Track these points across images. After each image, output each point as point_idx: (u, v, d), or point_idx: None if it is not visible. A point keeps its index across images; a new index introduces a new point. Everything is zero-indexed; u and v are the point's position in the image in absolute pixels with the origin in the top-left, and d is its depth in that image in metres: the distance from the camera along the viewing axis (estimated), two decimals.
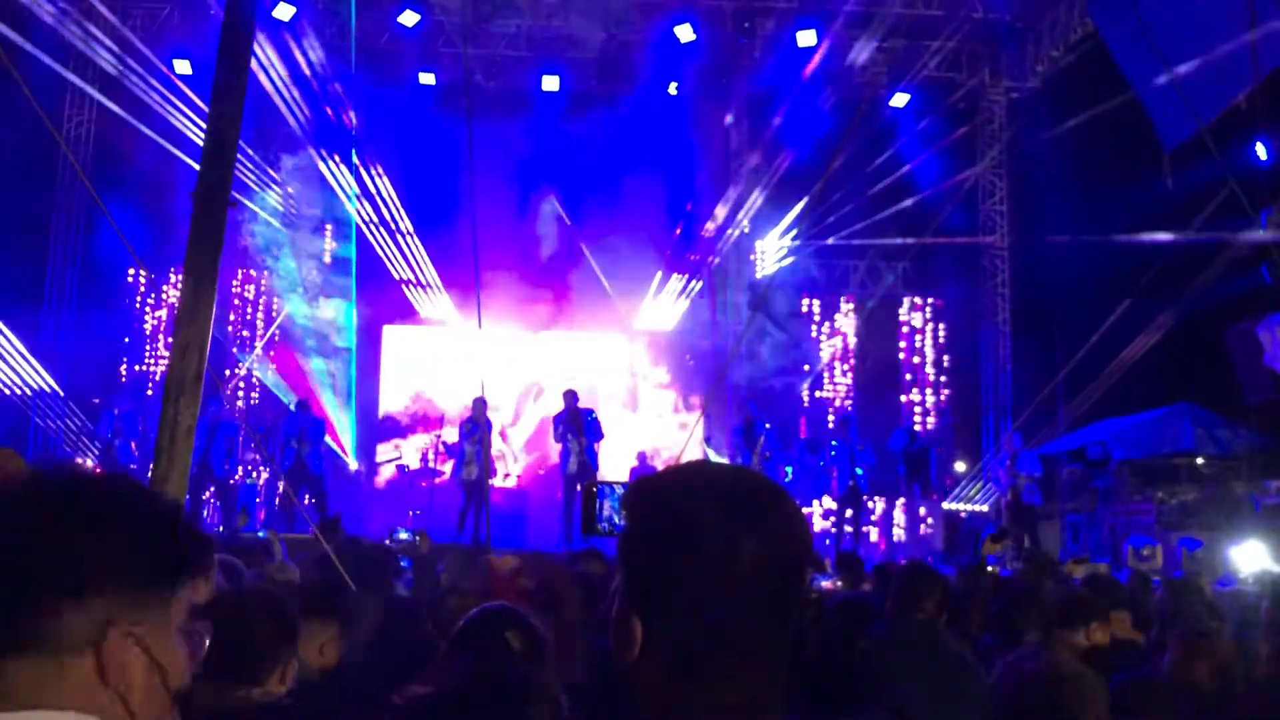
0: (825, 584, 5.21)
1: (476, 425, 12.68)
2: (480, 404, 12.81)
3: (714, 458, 14.95)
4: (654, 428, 16.57)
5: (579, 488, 11.87)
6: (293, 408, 13.90)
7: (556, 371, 15.95)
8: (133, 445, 13.67)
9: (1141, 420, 14.92)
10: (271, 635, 2.66)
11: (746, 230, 17.28)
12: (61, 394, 15.26)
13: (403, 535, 6.49)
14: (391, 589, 5.87)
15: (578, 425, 12.77)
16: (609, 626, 1.29)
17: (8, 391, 14.65)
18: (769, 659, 1.23)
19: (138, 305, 16.71)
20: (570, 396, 13.00)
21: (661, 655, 1.22)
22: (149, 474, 3.91)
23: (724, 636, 1.20)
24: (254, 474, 14.71)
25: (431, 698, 2.49)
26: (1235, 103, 10.07)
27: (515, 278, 15.95)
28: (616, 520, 2.39)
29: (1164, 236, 13.30)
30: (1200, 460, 14.26)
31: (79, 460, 15.12)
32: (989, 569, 10.69)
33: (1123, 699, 3.29)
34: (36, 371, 14.96)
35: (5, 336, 14.52)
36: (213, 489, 13.44)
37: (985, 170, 17.33)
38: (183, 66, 15.31)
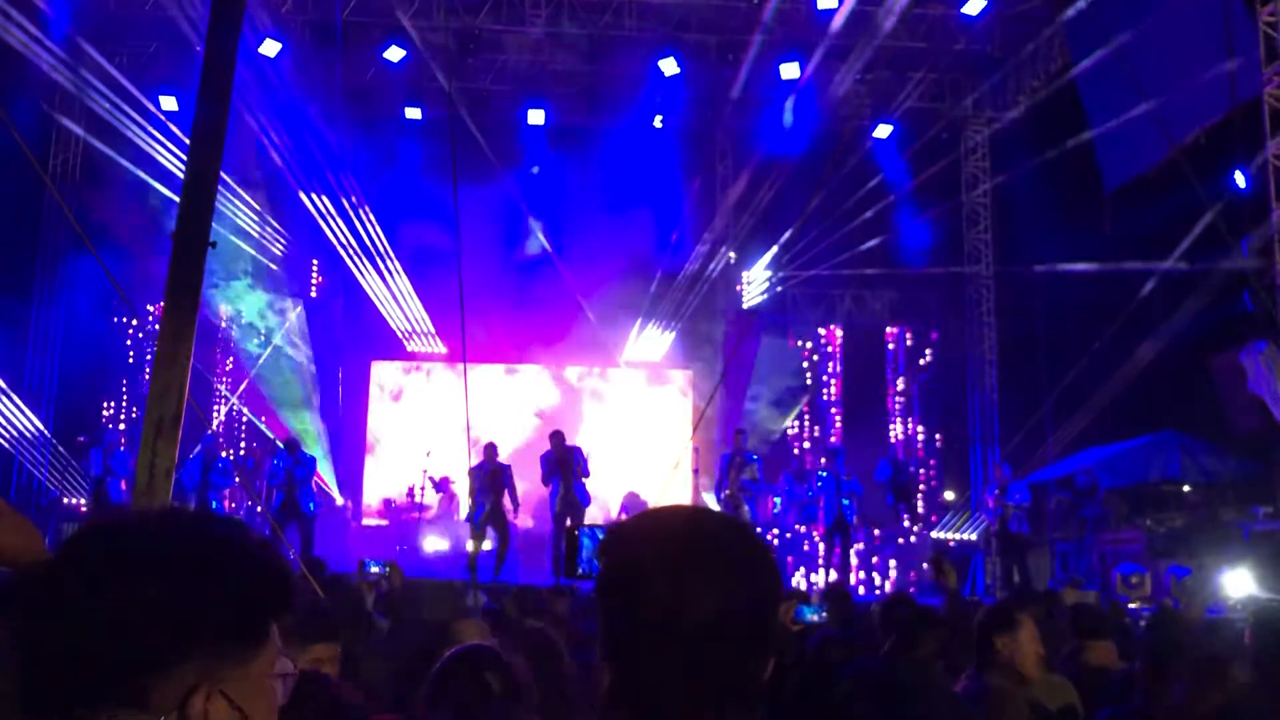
0: (812, 617, 5.16)
1: (486, 468, 12.68)
2: (490, 449, 12.85)
3: (705, 495, 14.92)
4: (646, 465, 16.53)
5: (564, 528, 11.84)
6: (280, 445, 13.80)
7: (544, 406, 15.93)
8: (123, 484, 13.58)
9: (1128, 448, 14.94)
10: None
11: (733, 260, 17.35)
12: (48, 434, 15.18)
13: (374, 569, 6.37)
14: (371, 623, 5.83)
15: (565, 464, 12.74)
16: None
17: None
18: (737, 704, 1.23)
19: (127, 342, 16.70)
20: (557, 437, 12.97)
21: (623, 700, 1.24)
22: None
23: (682, 685, 1.20)
24: (235, 509, 14.58)
25: None
26: (1197, 135, 10.21)
27: (502, 312, 15.97)
28: (596, 563, 2.40)
29: (1148, 265, 13.39)
30: (1187, 488, 14.28)
31: (69, 500, 15.05)
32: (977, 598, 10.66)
33: None
34: (22, 412, 14.88)
35: None
36: None
37: (969, 199, 17.44)
38: (169, 103, 15.32)
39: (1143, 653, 3.61)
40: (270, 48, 15.10)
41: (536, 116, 16.49)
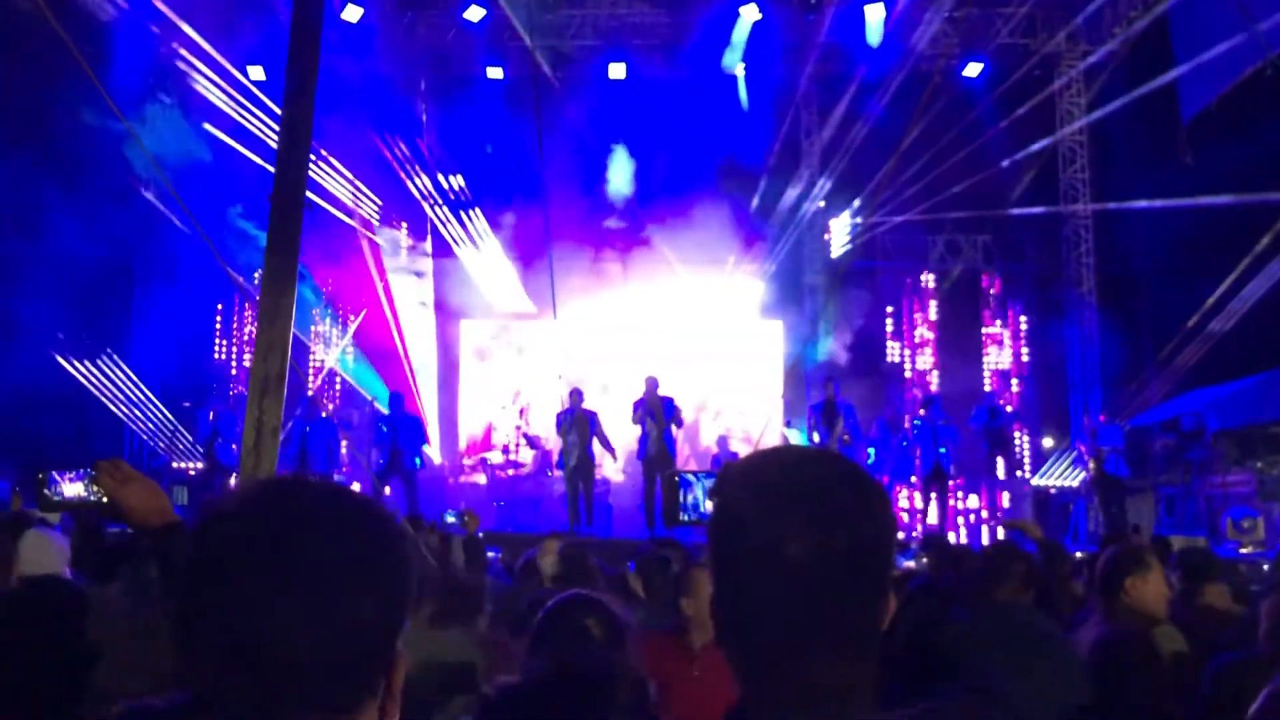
0: (908, 564, 5.11)
1: (572, 415, 12.82)
2: (575, 394, 12.97)
3: (794, 440, 14.84)
4: (737, 416, 16.50)
5: (660, 477, 11.87)
6: (384, 406, 13.99)
7: (634, 357, 15.97)
8: (234, 447, 13.97)
9: (1237, 388, 14.46)
10: None
11: (821, 207, 17.09)
12: (154, 400, 15.68)
13: (450, 519, 6.47)
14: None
15: (657, 410, 12.76)
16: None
17: (107, 402, 15.12)
18: (849, 649, 1.19)
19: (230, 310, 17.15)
20: (651, 383, 12.99)
21: (735, 643, 1.23)
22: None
23: (794, 628, 1.17)
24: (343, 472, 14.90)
25: (516, 689, 2.50)
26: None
27: (588, 266, 16.00)
28: (702, 509, 2.39)
29: (1261, 197, 12.85)
30: None
31: (175, 464, 15.59)
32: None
33: (1223, 679, 3.19)
34: (129, 379, 15.40)
35: (100, 347, 14.99)
36: None
37: (1065, 138, 16.89)
38: (256, 73, 15.57)
39: (1268, 593, 3.50)
40: (352, 13, 15.25)
41: (618, 70, 16.38)
